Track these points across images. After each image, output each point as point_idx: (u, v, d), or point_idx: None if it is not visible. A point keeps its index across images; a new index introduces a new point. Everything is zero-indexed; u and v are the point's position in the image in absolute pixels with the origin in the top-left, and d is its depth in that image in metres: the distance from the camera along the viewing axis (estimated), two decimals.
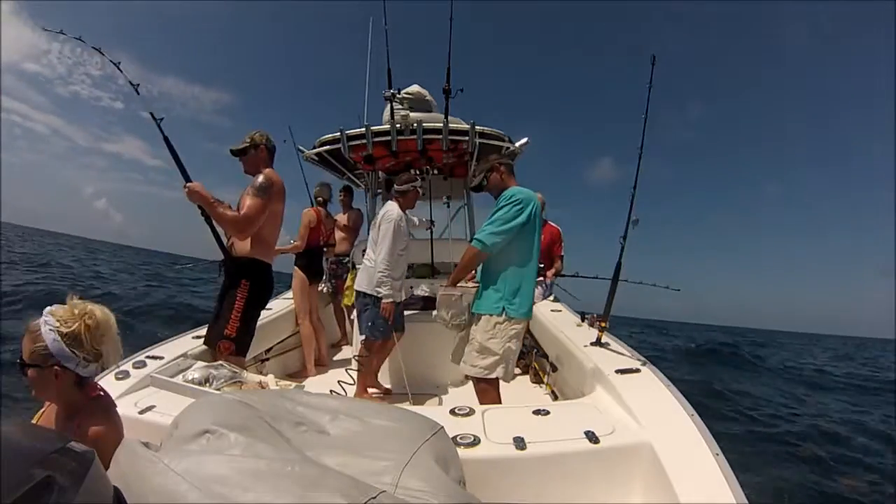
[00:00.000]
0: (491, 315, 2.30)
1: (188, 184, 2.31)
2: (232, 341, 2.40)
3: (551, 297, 3.95)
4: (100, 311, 1.26)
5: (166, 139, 2.37)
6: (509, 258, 2.31)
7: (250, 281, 2.45)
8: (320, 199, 4.31)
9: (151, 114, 2.37)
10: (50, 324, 1.19)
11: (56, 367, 1.19)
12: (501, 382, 2.30)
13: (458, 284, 2.48)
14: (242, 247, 2.47)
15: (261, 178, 2.41)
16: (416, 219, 3.93)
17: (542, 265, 3.79)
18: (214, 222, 2.41)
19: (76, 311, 1.22)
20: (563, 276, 4.01)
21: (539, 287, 3.81)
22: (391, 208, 3.19)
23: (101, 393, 1.34)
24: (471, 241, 4.58)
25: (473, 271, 2.52)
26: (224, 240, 2.51)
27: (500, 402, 2.31)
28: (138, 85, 2.38)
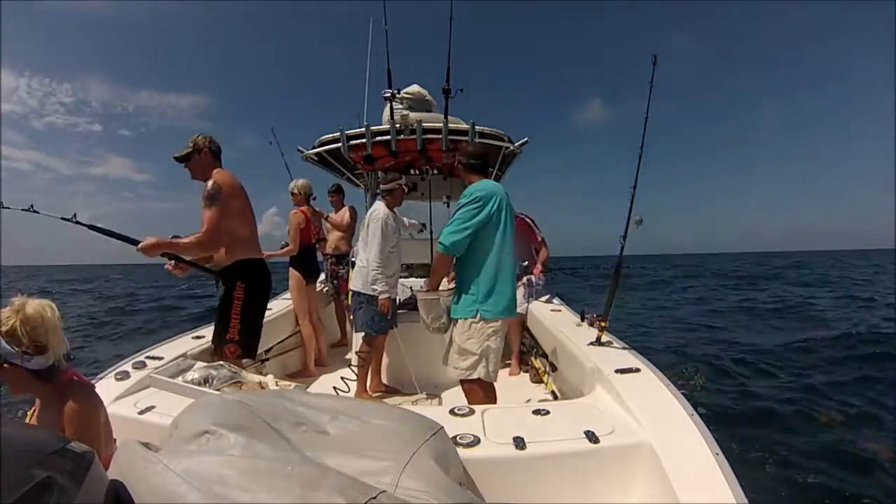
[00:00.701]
0: (465, 318, 2.28)
1: (139, 247, 2.24)
2: (237, 344, 2.40)
3: (544, 299, 3.88)
4: (34, 305, 1.30)
5: (93, 227, 2.35)
6: (478, 259, 2.26)
7: (245, 281, 2.44)
8: (304, 196, 4.26)
9: (64, 218, 2.30)
10: None
11: (6, 364, 1.25)
12: (501, 382, 2.29)
13: (440, 288, 2.47)
14: (223, 256, 2.44)
15: (208, 184, 2.35)
16: (406, 219, 3.93)
17: (525, 263, 3.76)
18: (187, 255, 2.38)
19: (13, 309, 1.28)
20: (550, 269, 3.96)
21: (521, 287, 3.76)
22: (378, 207, 3.20)
23: (76, 380, 1.39)
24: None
25: (452, 273, 2.49)
26: (204, 262, 2.49)
27: (492, 402, 2.30)
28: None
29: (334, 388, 3.24)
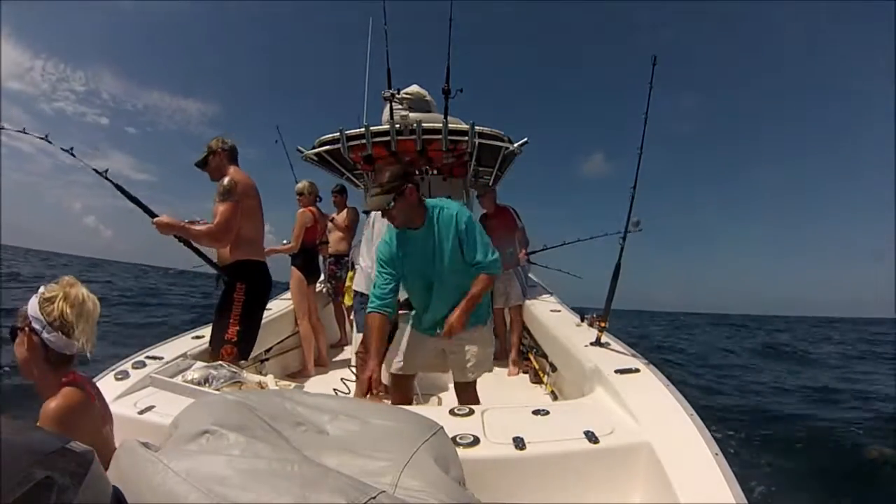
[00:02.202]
0: (485, 324, 2.27)
1: (155, 220, 2.32)
2: (234, 345, 2.39)
3: (554, 298, 3.94)
4: (84, 291, 1.30)
5: (118, 187, 2.42)
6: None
7: (245, 282, 2.44)
8: (313, 196, 4.28)
9: (95, 169, 2.42)
10: (39, 292, 1.29)
11: (27, 329, 1.25)
12: (501, 382, 2.27)
13: None
14: (227, 252, 2.46)
15: (224, 180, 2.40)
16: None
17: (511, 250, 3.82)
18: (195, 243, 2.43)
19: (62, 284, 1.29)
20: (533, 252, 4.10)
21: (515, 281, 3.82)
22: None
23: (77, 383, 1.33)
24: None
25: None
26: (209, 254, 2.52)
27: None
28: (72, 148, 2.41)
29: (334, 389, 3.24)
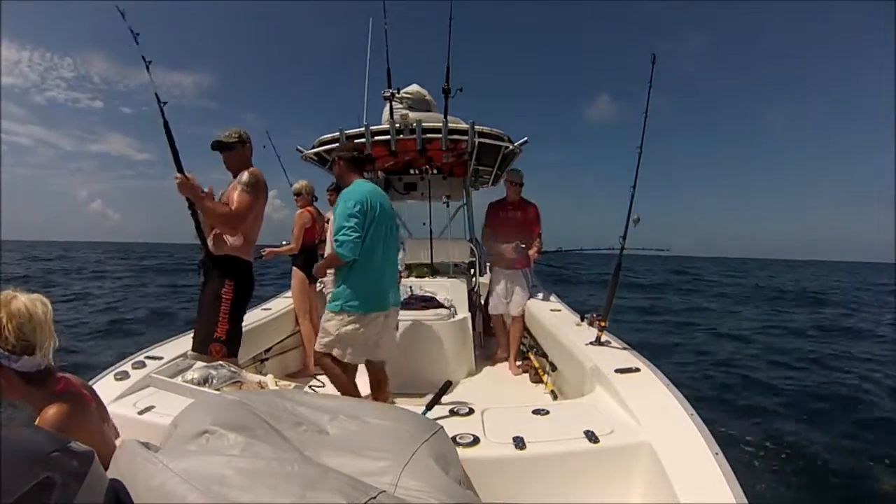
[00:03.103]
0: (336, 311, 2.44)
1: (176, 177, 2.26)
2: (223, 343, 2.37)
3: (540, 296, 3.90)
4: (23, 300, 1.18)
5: (167, 125, 2.30)
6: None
7: (234, 281, 2.41)
8: (310, 196, 4.28)
9: (156, 94, 2.29)
10: None
11: None
12: (501, 382, 2.25)
13: None
14: (224, 244, 2.43)
15: (247, 175, 2.38)
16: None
17: (524, 245, 3.74)
18: (201, 217, 2.39)
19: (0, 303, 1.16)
20: (546, 252, 3.99)
21: (521, 288, 3.77)
22: None
23: (70, 389, 1.29)
24: (469, 239, 4.53)
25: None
26: (205, 237, 2.46)
27: (351, 390, 2.49)
28: (138, 34, 2.25)
29: (310, 387, 3.21)
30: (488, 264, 4.80)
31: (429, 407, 1.71)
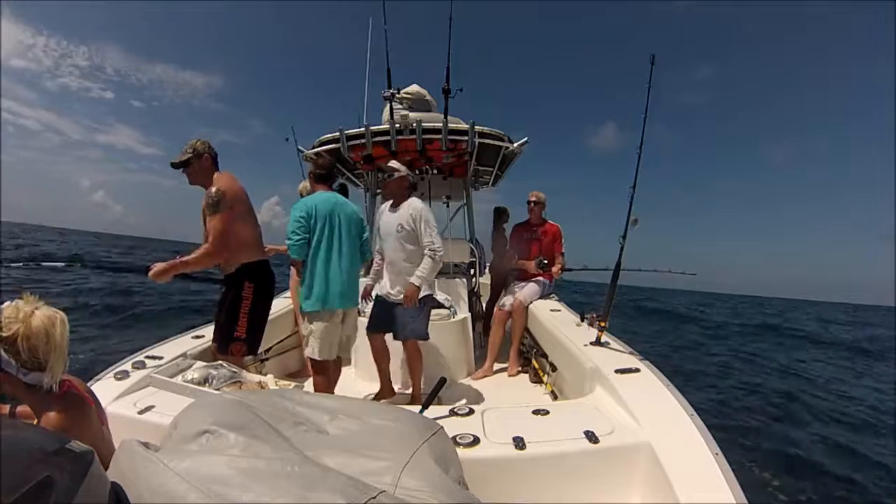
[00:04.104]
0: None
1: (150, 274, 2.26)
2: (243, 342, 2.41)
3: (554, 298, 3.95)
4: (42, 317, 1.17)
5: (99, 266, 2.40)
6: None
7: (253, 282, 2.45)
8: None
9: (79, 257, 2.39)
10: None
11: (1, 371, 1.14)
12: (501, 382, 2.23)
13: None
14: (231, 262, 2.44)
15: (211, 191, 2.33)
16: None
17: (545, 261, 3.81)
18: (198, 269, 2.40)
19: (19, 315, 1.16)
20: (570, 269, 4.05)
21: (536, 285, 3.81)
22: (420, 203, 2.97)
23: (72, 391, 1.28)
24: (469, 240, 4.54)
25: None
26: (210, 271, 2.51)
27: (327, 387, 2.63)
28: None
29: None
30: (488, 265, 4.80)
31: (425, 405, 1.71)
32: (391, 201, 3.00)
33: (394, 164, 2.98)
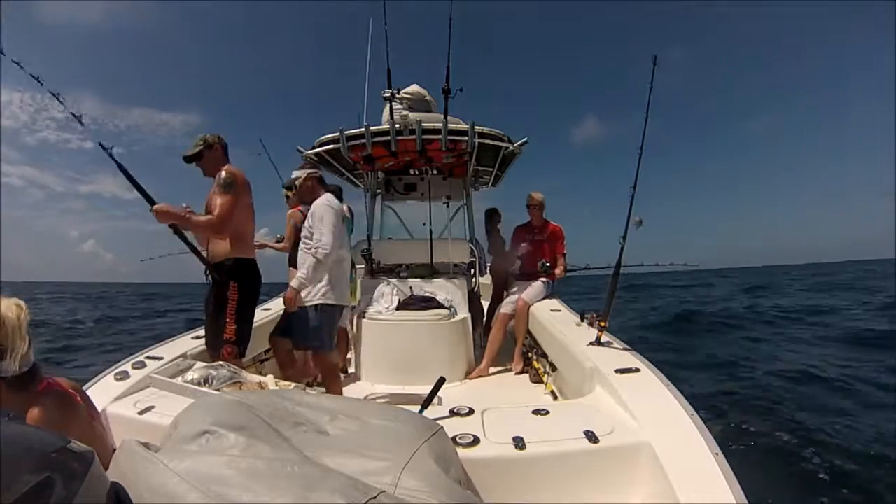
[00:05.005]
0: None
1: (154, 207, 2.29)
2: (233, 345, 2.41)
3: (556, 298, 3.95)
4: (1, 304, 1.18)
5: (120, 166, 2.35)
6: None
7: (238, 282, 2.44)
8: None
9: (100, 143, 2.37)
10: None
11: None
12: (501, 382, 2.22)
13: None
14: (221, 249, 2.45)
15: (223, 174, 2.40)
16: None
17: (548, 263, 3.81)
18: (192, 232, 2.42)
19: None
20: (573, 271, 4.05)
21: (541, 286, 3.82)
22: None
23: (54, 389, 1.28)
24: (469, 240, 4.54)
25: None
26: (201, 250, 2.51)
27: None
28: (81, 116, 2.38)
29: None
30: (488, 266, 4.79)
31: (424, 405, 1.71)
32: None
33: (295, 173, 2.94)
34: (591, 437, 1.46)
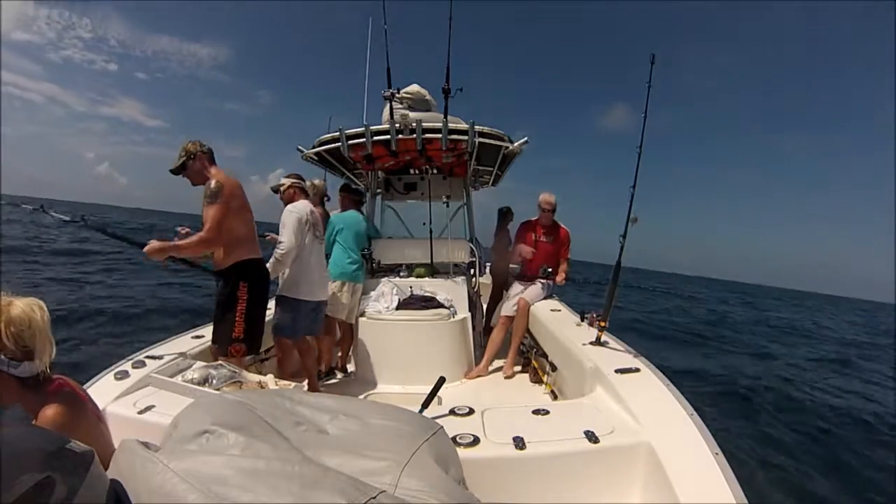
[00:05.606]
0: None
1: (145, 249, 2.28)
2: (242, 343, 2.44)
3: (555, 298, 3.95)
4: (21, 306, 1.18)
5: (100, 230, 2.52)
6: None
7: (248, 281, 2.47)
8: (318, 195, 4.28)
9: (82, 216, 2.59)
10: None
11: None
12: (501, 382, 2.23)
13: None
14: (225, 257, 2.47)
15: (211, 184, 2.39)
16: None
17: (549, 269, 3.80)
18: (190, 255, 2.43)
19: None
20: (573, 280, 4.03)
21: (541, 286, 3.81)
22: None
23: (66, 389, 1.29)
24: (469, 239, 4.54)
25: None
26: (207, 262, 2.55)
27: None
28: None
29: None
30: (488, 265, 4.79)
31: (424, 405, 1.71)
32: None
33: (282, 179, 3.25)
34: (591, 437, 1.46)
